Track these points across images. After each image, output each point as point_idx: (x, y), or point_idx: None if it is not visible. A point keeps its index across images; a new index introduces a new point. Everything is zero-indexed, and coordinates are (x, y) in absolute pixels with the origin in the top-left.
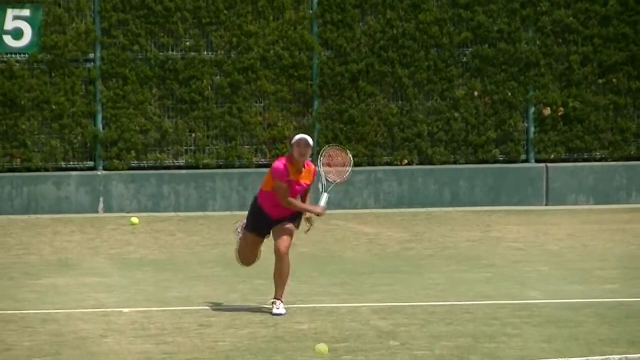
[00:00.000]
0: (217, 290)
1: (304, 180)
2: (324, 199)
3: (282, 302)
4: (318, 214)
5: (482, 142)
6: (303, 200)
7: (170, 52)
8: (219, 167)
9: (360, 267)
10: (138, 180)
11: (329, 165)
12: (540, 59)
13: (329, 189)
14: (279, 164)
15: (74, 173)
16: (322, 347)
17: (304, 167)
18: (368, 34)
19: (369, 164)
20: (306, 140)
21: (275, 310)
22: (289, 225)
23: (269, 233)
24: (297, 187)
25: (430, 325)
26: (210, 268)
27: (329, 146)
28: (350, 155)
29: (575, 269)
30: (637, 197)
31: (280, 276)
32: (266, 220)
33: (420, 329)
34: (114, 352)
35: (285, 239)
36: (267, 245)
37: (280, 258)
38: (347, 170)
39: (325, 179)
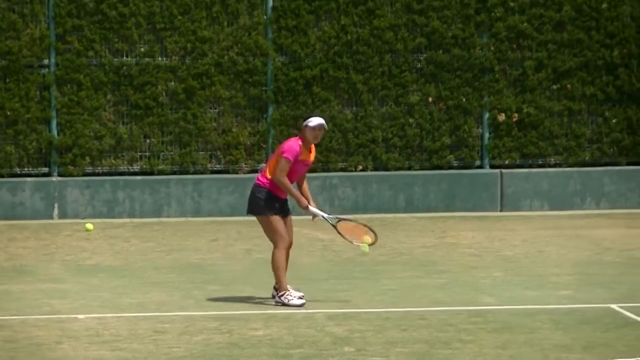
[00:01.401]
0: (172, 297)
1: (311, 158)
2: (318, 211)
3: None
4: (301, 206)
5: (437, 148)
6: (302, 179)
7: (124, 58)
8: (174, 173)
9: (315, 273)
10: (93, 186)
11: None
12: (494, 65)
13: (329, 220)
14: (295, 144)
15: (28, 179)
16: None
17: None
18: (322, 40)
19: (323, 170)
20: (324, 126)
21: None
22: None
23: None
24: (304, 166)
25: (385, 332)
26: (165, 274)
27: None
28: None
29: (530, 275)
30: (591, 203)
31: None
32: (280, 202)
33: (375, 335)
34: (69, 359)
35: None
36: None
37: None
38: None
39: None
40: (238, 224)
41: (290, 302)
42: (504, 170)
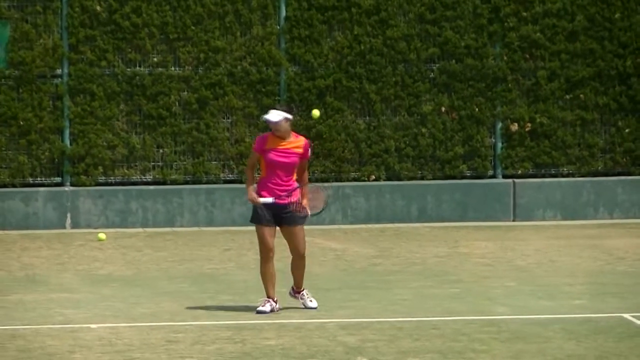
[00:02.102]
0: (185, 306)
1: (291, 148)
2: (268, 199)
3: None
4: (249, 198)
5: (450, 157)
6: (300, 175)
7: (137, 67)
8: (187, 182)
9: (328, 283)
10: (106, 196)
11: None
12: (507, 75)
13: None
14: (262, 135)
15: (41, 189)
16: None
17: (290, 137)
18: (335, 50)
19: (336, 180)
20: (267, 120)
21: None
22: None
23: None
24: (279, 156)
25: (398, 341)
26: (178, 284)
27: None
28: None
29: (543, 284)
30: (604, 213)
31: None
32: (269, 209)
33: (388, 344)
34: None
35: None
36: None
37: None
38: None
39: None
40: (251, 233)
41: (257, 307)
42: (516, 180)
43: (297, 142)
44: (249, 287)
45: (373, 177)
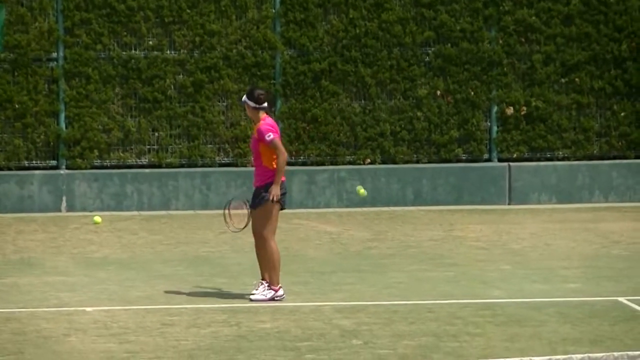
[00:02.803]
0: (180, 289)
1: (253, 134)
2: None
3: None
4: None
5: (445, 141)
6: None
7: (133, 51)
8: (182, 166)
9: (323, 266)
10: (101, 179)
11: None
12: (503, 59)
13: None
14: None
15: (36, 172)
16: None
17: (258, 122)
18: (331, 33)
19: (331, 163)
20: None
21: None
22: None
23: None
24: (251, 142)
25: (393, 324)
26: (173, 267)
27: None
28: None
29: (538, 268)
30: (599, 197)
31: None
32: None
33: (383, 328)
34: (77, 351)
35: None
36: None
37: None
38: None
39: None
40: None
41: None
42: (512, 164)
43: (255, 128)
44: (243, 270)
45: (368, 160)
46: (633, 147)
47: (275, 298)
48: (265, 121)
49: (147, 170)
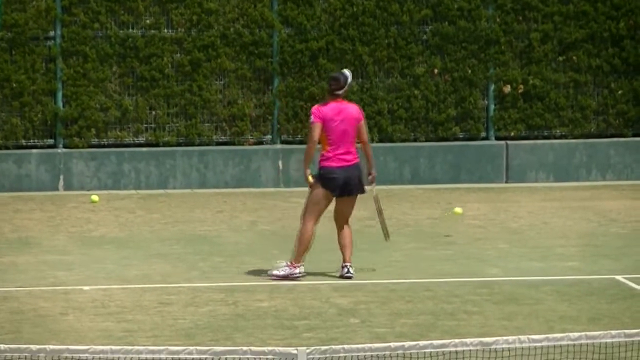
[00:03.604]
0: (178, 268)
1: None
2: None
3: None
4: None
5: (443, 119)
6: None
7: (130, 30)
8: (179, 144)
9: (321, 244)
10: (98, 158)
11: None
12: (500, 37)
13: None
14: None
15: (34, 151)
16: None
17: None
18: (328, 12)
19: None
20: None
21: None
22: None
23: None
24: None
25: (391, 303)
26: (171, 246)
27: None
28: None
29: (535, 246)
30: (597, 175)
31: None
32: None
33: (380, 306)
34: (74, 330)
35: None
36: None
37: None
38: None
39: None
40: (243, 195)
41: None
42: (509, 142)
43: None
44: (241, 249)
45: None
46: (630, 125)
47: (291, 275)
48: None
49: (144, 149)
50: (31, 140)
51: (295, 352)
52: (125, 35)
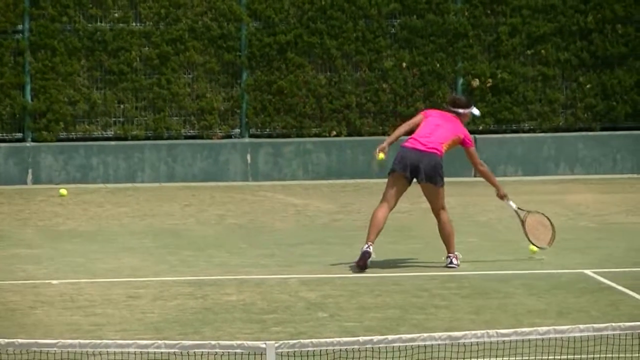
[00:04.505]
0: (146, 262)
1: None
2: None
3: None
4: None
5: (411, 113)
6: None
7: (98, 23)
8: (148, 138)
9: (289, 238)
10: (67, 151)
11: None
12: (468, 30)
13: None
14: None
15: (2, 145)
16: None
17: None
18: (296, 5)
19: (297, 135)
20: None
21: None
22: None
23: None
24: None
25: (359, 297)
26: (139, 239)
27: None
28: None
29: (503, 240)
30: (565, 168)
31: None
32: None
33: (349, 300)
34: (43, 324)
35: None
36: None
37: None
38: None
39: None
40: (211, 189)
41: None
42: (478, 136)
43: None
44: (209, 243)
45: (334, 132)
46: (599, 119)
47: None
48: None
49: (112, 143)
50: None
51: (264, 346)
52: (93, 29)
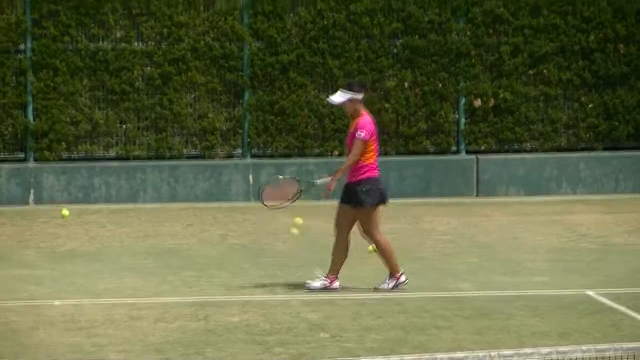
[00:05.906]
0: (148, 282)
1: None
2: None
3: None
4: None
5: (413, 133)
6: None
7: (101, 43)
8: (150, 158)
9: (292, 259)
10: (69, 171)
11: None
12: (471, 50)
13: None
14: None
15: (4, 165)
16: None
17: (358, 117)
18: (299, 25)
19: (299, 156)
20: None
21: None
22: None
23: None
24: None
25: (361, 318)
26: (141, 260)
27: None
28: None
29: (505, 260)
30: (567, 188)
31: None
32: None
33: (350, 321)
34: (44, 345)
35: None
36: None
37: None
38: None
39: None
40: (213, 209)
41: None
42: (480, 156)
43: (354, 123)
44: (211, 263)
45: (336, 152)
46: (601, 139)
47: (330, 288)
48: (364, 117)
49: (115, 163)
50: (1, 154)
51: None
52: (95, 49)
